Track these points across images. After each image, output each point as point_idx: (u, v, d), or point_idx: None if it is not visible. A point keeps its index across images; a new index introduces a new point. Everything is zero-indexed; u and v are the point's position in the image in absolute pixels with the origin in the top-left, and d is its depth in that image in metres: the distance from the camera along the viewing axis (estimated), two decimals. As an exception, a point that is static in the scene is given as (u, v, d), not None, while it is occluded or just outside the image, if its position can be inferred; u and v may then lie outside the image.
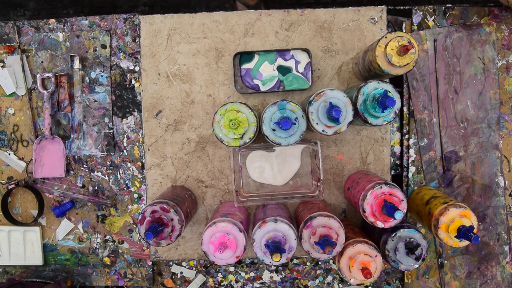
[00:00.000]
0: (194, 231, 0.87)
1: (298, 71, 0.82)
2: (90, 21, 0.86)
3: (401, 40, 0.66)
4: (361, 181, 0.75)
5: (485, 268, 0.88)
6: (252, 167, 0.84)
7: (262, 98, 0.84)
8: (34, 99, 0.87)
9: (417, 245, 0.71)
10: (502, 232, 0.87)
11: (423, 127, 0.85)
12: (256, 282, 0.90)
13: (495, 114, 0.85)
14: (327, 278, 0.90)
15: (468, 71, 0.85)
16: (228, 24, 0.84)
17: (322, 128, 0.67)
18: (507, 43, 0.85)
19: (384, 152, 0.85)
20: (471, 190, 0.86)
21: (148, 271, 0.89)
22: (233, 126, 0.67)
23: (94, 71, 0.86)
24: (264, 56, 0.82)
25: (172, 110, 0.85)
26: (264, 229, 0.68)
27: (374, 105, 0.66)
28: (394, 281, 0.90)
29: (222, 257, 0.68)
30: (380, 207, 0.68)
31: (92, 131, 0.87)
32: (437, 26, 0.85)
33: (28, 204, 0.89)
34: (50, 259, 0.90)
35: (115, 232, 0.89)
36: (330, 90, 0.67)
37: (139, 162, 0.87)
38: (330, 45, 0.84)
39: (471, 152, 0.86)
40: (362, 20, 0.83)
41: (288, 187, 0.85)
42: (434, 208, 0.73)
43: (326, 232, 0.69)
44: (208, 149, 0.85)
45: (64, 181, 0.88)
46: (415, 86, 0.85)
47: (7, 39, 0.87)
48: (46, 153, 0.86)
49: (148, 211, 0.68)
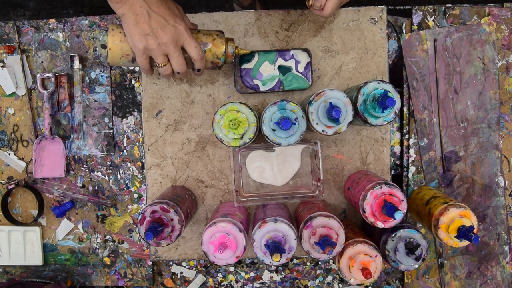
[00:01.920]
0: (194, 231, 0.87)
1: (298, 71, 0.82)
2: (90, 21, 0.86)
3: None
4: (361, 181, 0.75)
5: (485, 268, 0.88)
6: (252, 167, 0.84)
7: (262, 98, 0.84)
8: (34, 99, 0.87)
9: (417, 245, 0.71)
10: (502, 232, 0.87)
11: (423, 127, 0.85)
12: (256, 282, 0.91)
13: (495, 114, 0.85)
14: (327, 278, 0.90)
15: (468, 71, 0.85)
16: (228, 24, 0.84)
17: (322, 128, 0.67)
18: (507, 43, 0.85)
19: (384, 152, 0.85)
20: (471, 190, 0.86)
21: (148, 271, 0.89)
22: (233, 126, 0.67)
23: (94, 71, 0.86)
24: (264, 56, 0.82)
25: (172, 110, 0.85)
26: (264, 229, 0.68)
27: (374, 105, 0.66)
28: (394, 281, 0.90)
29: (222, 257, 0.68)
30: (380, 207, 0.68)
31: (92, 131, 0.87)
32: (437, 26, 0.85)
33: (28, 204, 0.89)
34: (50, 259, 0.90)
35: (115, 232, 0.89)
36: (330, 90, 0.67)
37: (139, 162, 0.87)
38: (330, 45, 0.84)
39: (471, 152, 0.86)
40: (362, 20, 0.83)
41: (288, 187, 0.85)
42: (434, 208, 0.73)
43: (326, 232, 0.69)
44: (208, 149, 0.85)
45: (64, 181, 0.88)
46: (415, 86, 0.85)
47: (7, 39, 0.87)
48: (46, 153, 0.86)
49: (148, 211, 0.68)
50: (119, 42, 0.66)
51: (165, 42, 0.63)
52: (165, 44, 0.63)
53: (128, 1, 0.61)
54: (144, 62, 0.66)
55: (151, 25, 0.62)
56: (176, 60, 0.66)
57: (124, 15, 0.62)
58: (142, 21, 0.62)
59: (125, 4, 0.61)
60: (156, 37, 0.63)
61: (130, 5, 0.61)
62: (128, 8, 0.61)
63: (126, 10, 0.61)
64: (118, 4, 0.61)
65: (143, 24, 0.62)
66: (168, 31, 0.63)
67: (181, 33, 0.64)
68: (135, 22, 0.62)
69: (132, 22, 0.62)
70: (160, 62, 0.66)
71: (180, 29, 0.64)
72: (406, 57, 0.84)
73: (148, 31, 0.62)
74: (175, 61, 0.66)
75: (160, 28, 0.62)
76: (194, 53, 0.67)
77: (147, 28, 0.62)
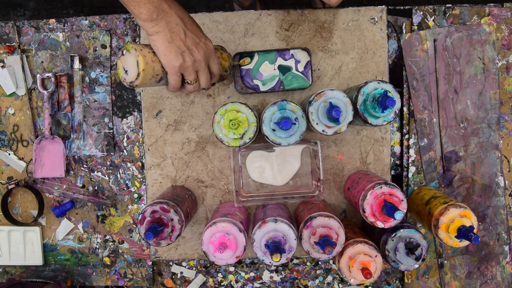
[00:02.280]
0: (194, 231, 0.87)
1: (298, 70, 0.82)
2: (90, 21, 0.86)
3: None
4: (361, 181, 0.75)
5: (485, 268, 0.88)
6: (252, 167, 0.84)
7: (262, 98, 0.84)
8: (34, 99, 0.87)
9: (417, 245, 0.71)
10: (502, 232, 0.87)
11: (423, 127, 0.85)
12: (256, 282, 0.91)
13: (495, 114, 0.85)
14: (327, 278, 0.90)
15: (468, 71, 0.85)
16: (228, 24, 0.84)
17: (322, 128, 0.67)
18: (507, 43, 0.85)
19: (384, 152, 0.85)
20: (471, 190, 0.86)
21: (148, 271, 0.89)
22: (233, 126, 0.67)
23: (94, 71, 0.86)
24: (264, 56, 0.82)
25: (172, 110, 0.85)
26: (264, 229, 0.68)
27: (374, 105, 0.66)
28: (394, 281, 0.90)
29: (222, 257, 0.68)
30: (380, 207, 0.68)
31: (92, 131, 0.87)
32: (437, 26, 0.85)
33: (28, 204, 0.89)
34: (50, 259, 0.90)
35: (115, 232, 0.89)
36: (330, 90, 0.67)
37: (139, 162, 0.87)
38: (330, 45, 0.84)
39: (471, 152, 0.86)
40: (362, 20, 0.83)
41: (288, 187, 0.85)
42: (434, 208, 0.73)
43: (326, 232, 0.69)
44: (208, 149, 0.85)
45: (64, 181, 0.88)
46: (415, 86, 0.85)
47: (7, 39, 0.87)
48: (46, 153, 0.86)
49: (148, 211, 0.68)
50: (151, 62, 0.62)
51: (199, 59, 0.63)
52: (199, 61, 0.64)
53: (163, 19, 0.60)
54: (177, 80, 0.65)
55: (186, 42, 0.62)
56: (205, 76, 0.67)
57: (159, 33, 0.60)
58: (177, 39, 0.61)
59: (160, 22, 0.60)
60: (191, 54, 0.62)
61: (165, 23, 0.60)
62: (163, 26, 0.60)
63: (161, 28, 0.60)
64: (152, 23, 0.59)
65: (179, 41, 0.61)
66: (200, 48, 0.63)
67: (210, 50, 0.65)
68: (171, 40, 0.61)
69: (168, 40, 0.60)
70: (192, 79, 0.65)
71: (210, 46, 0.65)
72: (406, 57, 0.84)
73: (184, 49, 0.62)
74: (204, 77, 0.66)
75: (194, 45, 0.62)
76: (216, 69, 0.68)
77: (182, 46, 0.61)
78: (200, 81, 0.67)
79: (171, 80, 0.64)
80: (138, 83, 0.62)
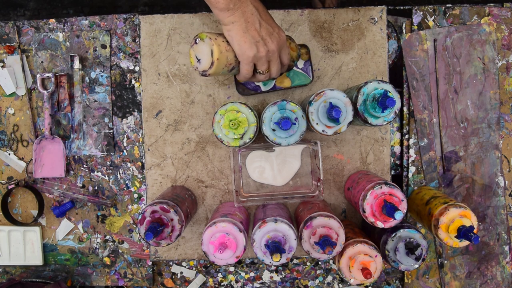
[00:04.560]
0: (194, 231, 0.87)
1: (298, 67, 0.82)
2: (90, 21, 0.86)
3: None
4: (361, 181, 0.75)
5: (485, 268, 0.88)
6: (252, 167, 0.84)
7: (262, 98, 0.84)
8: (34, 99, 0.87)
9: (417, 245, 0.71)
10: (502, 232, 0.87)
11: (423, 127, 0.85)
12: (256, 282, 0.91)
13: (495, 114, 0.85)
14: (327, 278, 0.90)
15: (468, 71, 0.85)
16: (228, 24, 0.83)
17: (322, 128, 0.67)
18: (507, 43, 0.85)
19: (384, 152, 0.85)
20: (471, 190, 0.87)
21: (148, 271, 0.89)
22: (233, 126, 0.67)
23: (94, 71, 0.86)
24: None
25: (172, 110, 0.85)
26: (264, 229, 0.68)
27: (374, 105, 0.66)
28: (394, 281, 0.90)
29: (222, 257, 0.68)
30: (380, 207, 0.68)
31: (92, 131, 0.87)
32: (437, 26, 0.85)
33: (28, 204, 0.89)
34: (50, 259, 0.90)
35: (115, 232, 0.89)
36: (330, 90, 0.67)
37: (139, 162, 0.87)
38: (330, 45, 0.84)
39: (471, 152, 0.86)
40: (362, 20, 0.83)
41: (288, 187, 0.85)
42: (434, 208, 0.73)
43: (326, 232, 0.69)
44: (208, 149, 0.85)
45: (64, 181, 0.88)
46: (415, 86, 0.85)
47: (7, 39, 0.87)
48: (46, 153, 0.86)
49: (148, 211, 0.68)
50: (225, 51, 0.62)
51: (272, 50, 0.64)
52: (272, 52, 0.64)
53: (239, 9, 0.59)
54: (250, 70, 0.65)
55: (261, 32, 0.62)
56: (277, 66, 0.67)
57: (234, 22, 0.60)
58: (252, 29, 0.61)
59: (236, 12, 0.59)
60: (265, 44, 0.63)
61: (241, 13, 0.60)
62: (239, 15, 0.60)
63: (237, 18, 0.60)
64: (229, 12, 0.59)
65: (253, 31, 0.61)
66: (274, 39, 0.63)
67: (283, 40, 0.65)
68: (246, 30, 0.61)
69: (243, 30, 0.60)
70: (265, 69, 0.66)
71: (283, 36, 0.65)
72: (406, 57, 0.84)
73: (258, 39, 0.62)
74: (276, 67, 0.67)
75: (268, 35, 0.62)
76: (286, 59, 0.68)
77: (257, 36, 0.61)
78: (272, 71, 0.67)
79: (243, 69, 0.65)
80: (211, 72, 0.62)
